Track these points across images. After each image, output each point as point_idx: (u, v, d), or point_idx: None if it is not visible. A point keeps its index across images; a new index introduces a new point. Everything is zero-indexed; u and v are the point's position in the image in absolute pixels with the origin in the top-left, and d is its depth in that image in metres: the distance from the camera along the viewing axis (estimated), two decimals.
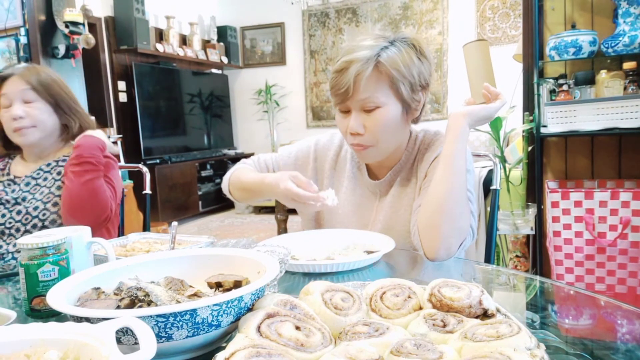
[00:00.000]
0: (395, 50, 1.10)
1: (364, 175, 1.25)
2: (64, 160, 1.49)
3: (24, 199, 1.42)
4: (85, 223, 1.28)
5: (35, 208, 1.40)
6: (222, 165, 6.26)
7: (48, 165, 1.48)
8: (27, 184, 1.45)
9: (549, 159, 2.46)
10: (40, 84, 1.43)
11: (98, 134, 1.49)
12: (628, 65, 2.14)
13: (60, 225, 1.40)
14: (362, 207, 1.25)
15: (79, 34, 3.80)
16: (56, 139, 1.51)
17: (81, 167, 1.38)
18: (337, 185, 1.29)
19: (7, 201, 1.42)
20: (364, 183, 1.26)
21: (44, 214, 1.40)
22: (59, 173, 1.47)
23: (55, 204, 1.41)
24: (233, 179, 1.30)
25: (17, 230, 1.40)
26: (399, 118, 1.13)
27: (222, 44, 6.58)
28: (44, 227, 1.39)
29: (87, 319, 0.55)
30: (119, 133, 4.98)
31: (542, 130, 2.28)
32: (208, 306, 0.56)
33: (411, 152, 1.22)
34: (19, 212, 1.40)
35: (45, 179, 1.46)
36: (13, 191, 1.44)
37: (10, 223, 1.39)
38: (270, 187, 1.11)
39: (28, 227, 1.39)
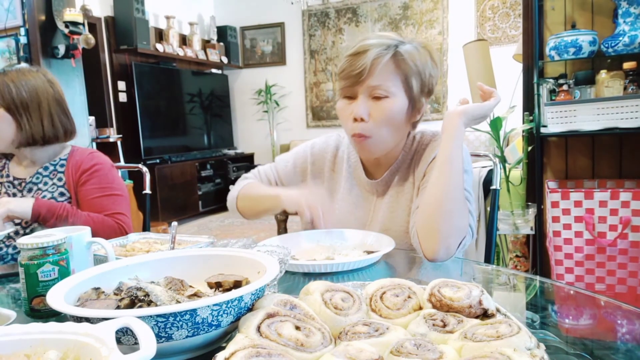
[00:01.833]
0: (412, 47, 1.13)
1: (361, 175, 1.25)
2: (62, 165, 1.48)
3: None
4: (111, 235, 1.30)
5: None
6: (222, 165, 6.26)
7: (46, 169, 1.47)
8: (30, 190, 1.44)
9: (549, 159, 2.46)
10: None
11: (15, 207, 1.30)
12: (628, 65, 2.14)
13: None
14: (360, 207, 1.25)
15: (79, 34, 3.80)
16: (17, 142, 1.44)
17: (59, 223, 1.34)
18: (335, 186, 1.29)
19: None
20: (361, 183, 1.26)
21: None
22: (59, 179, 1.46)
23: None
24: (243, 193, 1.30)
25: (17, 233, 1.40)
26: (404, 113, 1.13)
27: (222, 44, 6.58)
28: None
29: (87, 319, 0.55)
30: (118, 133, 4.98)
31: (542, 130, 2.28)
32: (208, 306, 0.56)
33: (408, 152, 1.21)
34: None
35: (45, 183, 1.46)
36: (14, 195, 1.44)
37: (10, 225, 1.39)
38: (288, 198, 1.13)
39: (28, 230, 1.39)
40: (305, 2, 5.54)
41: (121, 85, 5.23)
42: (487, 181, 2.42)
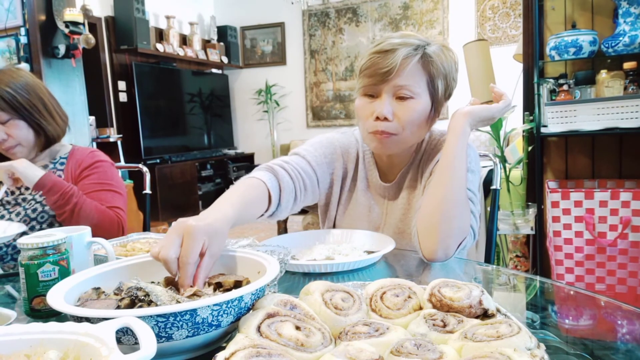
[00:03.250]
0: (438, 48, 1.11)
1: (375, 176, 1.23)
2: (62, 164, 1.49)
3: (24, 200, 1.42)
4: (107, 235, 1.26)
5: (34, 210, 1.40)
6: (222, 165, 6.26)
7: (45, 167, 1.48)
8: (27, 188, 1.44)
9: (549, 159, 2.46)
10: (5, 103, 1.38)
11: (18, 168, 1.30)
12: (628, 65, 2.14)
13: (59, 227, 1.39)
14: (373, 210, 1.24)
15: (79, 33, 3.79)
16: (40, 145, 1.47)
17: (60, 208, 1.34)
18: (352, 186, 1.27)
19: (8, 202, 1.42)
20: (374, 185, 1.24)
21: (42, 217, 1.40)
22: (58, 177, 1.46)
23: None
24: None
25: None
26: (426, 116, 1.11)
27: (222, 43, 6.58)
28: (41, 229, 1.38)
29: (87, 319, 0.55)
30: (119, 133, 4.98)
31: (542, 130, 2.28)
32: (208, 306, 0.56)
33: (418, 153, 1.20)
34: (17, 214, 1.40)
35: None
36: (13, 193, 1.44)
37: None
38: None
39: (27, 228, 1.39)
40: (306, 2, 5.54)
41: (121, 85, 5.22)
42: (487, 181, 2.41)
